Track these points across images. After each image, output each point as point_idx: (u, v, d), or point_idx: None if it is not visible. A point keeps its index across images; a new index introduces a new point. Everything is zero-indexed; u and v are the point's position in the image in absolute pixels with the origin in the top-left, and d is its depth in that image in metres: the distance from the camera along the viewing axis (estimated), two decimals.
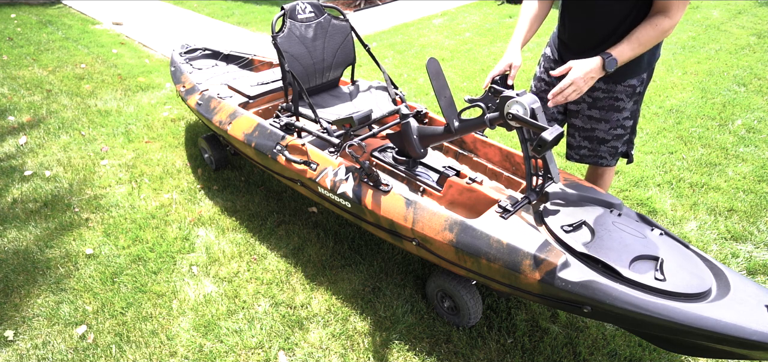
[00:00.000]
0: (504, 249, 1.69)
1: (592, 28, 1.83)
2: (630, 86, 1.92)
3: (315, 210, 2.90)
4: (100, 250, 2.59)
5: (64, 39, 6.05)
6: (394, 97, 2.72)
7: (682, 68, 4.86)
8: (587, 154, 2.12)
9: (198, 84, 3.16)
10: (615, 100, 1.95)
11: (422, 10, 7.54)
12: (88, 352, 2.05)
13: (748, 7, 6.80)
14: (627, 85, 1.92)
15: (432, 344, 2.07)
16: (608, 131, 2.02)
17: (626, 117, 1.99)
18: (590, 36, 1.85)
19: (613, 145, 2.06)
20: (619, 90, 1.93)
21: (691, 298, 1.48)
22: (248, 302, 2.28)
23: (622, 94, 1.93)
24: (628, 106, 1.97)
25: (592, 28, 1.83)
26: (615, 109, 1.96)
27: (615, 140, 2.04)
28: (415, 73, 5.01)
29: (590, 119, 2.03)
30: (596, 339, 2.07)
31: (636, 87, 1.93)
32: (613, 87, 1.93)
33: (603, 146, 2.07)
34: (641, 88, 1.95)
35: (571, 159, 2.18)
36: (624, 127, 2.01)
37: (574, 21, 1.91)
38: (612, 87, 1.93)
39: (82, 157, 3.45)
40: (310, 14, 2.65)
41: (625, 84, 1.91)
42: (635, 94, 1.95)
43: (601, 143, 2.06)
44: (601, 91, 1.95)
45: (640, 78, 1.92)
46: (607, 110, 1.97)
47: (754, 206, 2.83)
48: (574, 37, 1.93)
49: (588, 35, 1.86)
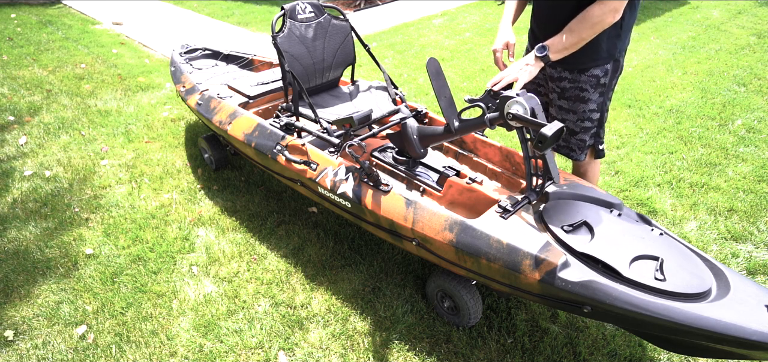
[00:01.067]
0: (504, 249, 1.69)
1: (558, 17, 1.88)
2: (594, 76, 1.96)
3: (315, 210, 2.90)
4: (100, 250, 2.59)
5: (64, 39, 6.05)
6: (394, 97, 2.72)
7: (682, 68, 4.86)
8: (561, 145, 2.18)
9: (198, 84, 3.16)
10: (580, 91, 2.00)
11: (422, 10, 7.54)
12: (88, 352, 2.05)
13: (748, 7, 6.80)
14: (590, 75, 1.96)
15: (432, 344, 2.07)
16: (576, 122, 2.07)
17: (593, 108, 2.03)
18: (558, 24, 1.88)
19: (581, 137, 2.10)
20: (584, 80, 1.97)
21: (691, 298, 1.48)
22: (248, 302, 2.28)
23: (586, 85, 1.98)
24: (594, 98, 2.01)
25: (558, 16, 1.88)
26: (581, 100, 2.01)
27: (582, 133, 2.09)
28: (415, 73, 5.01)
29: (560, 110, 2.09)
30: (596, 339, 2.07)
31: (600, 77, 1.97)
32: (577, 77, 1.98)
33: (572, 138, 2.12)
34: (605, 80, 1.98)
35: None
36: (591, 119, 2.05)
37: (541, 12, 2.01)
38: (576, 77, 1.98)
39: (82, 157, 3.45)
40: (310, 14, 2.65)
41: (589, 74, 1.96)
42: (600, 86, 1.98)
43: (571, 135, 2.11)
44: (567, 82, 2.01)
45: (604, 69, 1.95)
46: (574, 100, 2.03)
47: (754, 206, 2.83)
48: (541, 25, 2.02)
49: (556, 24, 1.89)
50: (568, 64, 1.96)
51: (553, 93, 2.09)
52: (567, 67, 1.98)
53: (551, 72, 2.05)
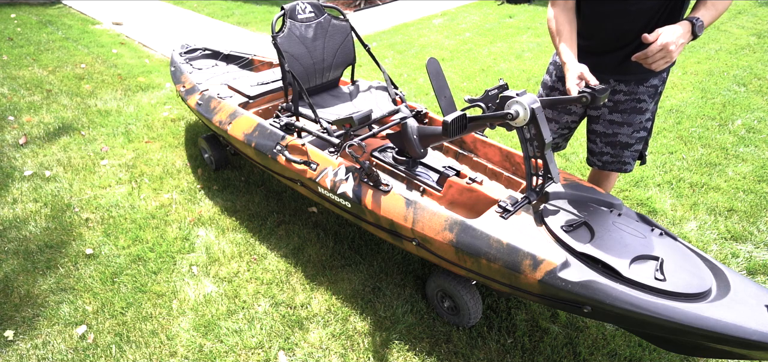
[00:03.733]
0: (504, 249, 1.69)
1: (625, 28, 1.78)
2: (652, 86, 1.89)
3: (315, 210, 2.90)
4: (100, 250, 2.59)
5: (64, 39, 6.05)
6: (394, 97, 2.72)
7: (682, 68, 4.86)
8: (610, 161, 2.06)
9: (198, 84, 3.16)
10: (637, 102, 1.92)
11: (422, 10, 7.54)
12: (88, 352, 2.05)
13: (748, 7, 6.80)
14: (649, 86, 1.89)
15: (432, 344, 2.07)
16: (631, 135, 1.98)
17: (648, 118, 1.96)
18: (623, 36, 1.80)
19: (635, 148, 2.02)
20: (642, 91, 1.90)
21: (691, 298, 1.48)
22: (248, 302, 2.28)
23: (644, 95, 1.90)
24: (650, 107, 1.94)
25: (625, 28, 1.78)
26: (637, 111, 1.93)
27: (637, 143, 2.01)
28: (415, 73, 5.01)
29: (612, 124, 1.99)
30: (596, 339, 2.07)
31: (658, 87, 1.91)
32: (635, 88, 1.90)
33: (626, 151, 2.02)
34: (662, 87, 1.93)
35: (593, 165, 2.13)
36: (646, 128, 1.98)
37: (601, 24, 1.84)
38: (634, 89, 1.90)
39: (82, 157, 3.45)
40: (310, 14, 2.64)
41: (648, 84, 1.88)
42: (656, 94, 1.93)
43: (625, 148, 2.01)
44: (623, 94, 1.92)
45: (661, 77, 1.90)
46: (629, 113, 1.94)
47: (754, 206, 2.83)
48: (603, 40, 1.85)
49: (620, 36, 1.81)
50: (626, 76, 1.87)
51: (601, 108, 1.99)
52: (623, 79, 1.88)
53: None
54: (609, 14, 1.80)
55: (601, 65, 1.90)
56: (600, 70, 1.90)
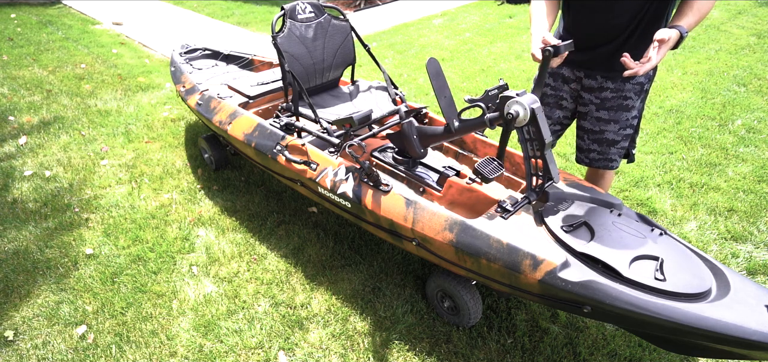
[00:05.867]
0: (504, 249, 1.69)
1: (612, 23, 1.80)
2: (638, 83, 1.91)
3: (315, 210, 2.90)
4: (100, 250, 2.59)
5: (64, 39, 6.05)
6: (394, 97, 2.72)
7: (682, 68, 4.86)
8: (597, 158, 2.09)
9: (198, 84, 3.16)
10: (624, 99, 1.93)
11: (422, 10, 7.54)
12: (88, 352, 2.05)
13: (748, 7, 6.79)
14: (636, 83, 1.91)
15: (432, 344, 2.07)
16: (618, 132, 2.00)
17: (634, 115, 1.98)
18: (610, 31, 1.82)
19: (622, 145, 2.04)
20: (628, 88, 1.91)
21: (691, 298, 1.48)
22: (248, 302, 2.28)
23: (630, 93, 1.92)
24: (637, 105, 1.96)
25: (612, 23, 1.80)
26: (624, 108, 1.95)
27: (623, 140, 2.03)
28: (415, 73, 5.01)
29: (599, 121, 2.01)
30: (596, 339, 2.07)
31: (644, 85, 1.92)
32: (621, 86, 1.91)
33: (613, 148, 2.04)
34: (648, 85, 1.95)
35: (581, 162, 2.16)
36: (632, 125, 2.01)
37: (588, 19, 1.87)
38: (620, 86, 1.91)
39: (82, 157, 3.45)
40: (310, 14, 2.65)
41: (634, 82, 1.90)
42: (643, 92, 1.94)
43: (611, 145, 2.03)
44: (609, 91, 1.94)
45: (648, 75, 1.91)
46: (616, 110, 1.96)
47: (754, 206, 2.83)
48: (590, 36, 1.89)
49: (607, 31, 1.83)
50: (612, 73, 1.89)
51: (589, 104, 2.01)
52: (610, 76, 1.90)
53: (590, 83, 1.97)
54: (595, 9, 1.83)
55: (590, 61, 1.92)
56: (588, 66, 1.93)
